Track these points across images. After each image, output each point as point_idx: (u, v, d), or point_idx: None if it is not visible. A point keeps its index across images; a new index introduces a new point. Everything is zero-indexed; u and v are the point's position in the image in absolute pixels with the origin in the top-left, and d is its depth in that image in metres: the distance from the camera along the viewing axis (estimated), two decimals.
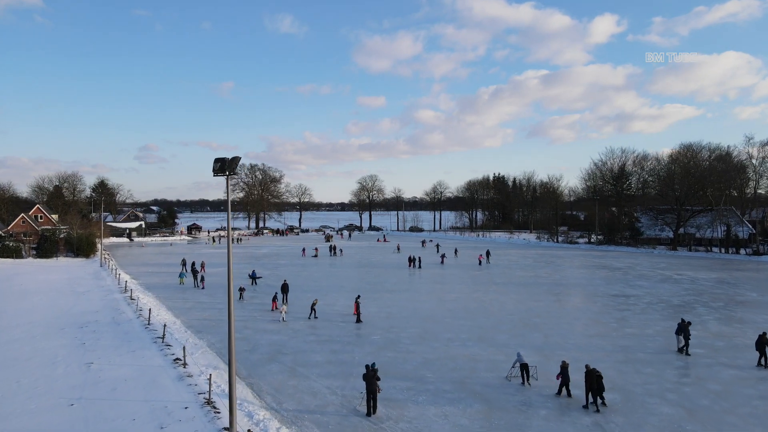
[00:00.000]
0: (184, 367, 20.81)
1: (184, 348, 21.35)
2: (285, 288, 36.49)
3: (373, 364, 18.93)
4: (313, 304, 32.38)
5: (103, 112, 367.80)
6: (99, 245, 66.90)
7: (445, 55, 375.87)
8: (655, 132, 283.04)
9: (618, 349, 24.65)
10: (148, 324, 28.29)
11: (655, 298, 38.32)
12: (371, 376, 17.65)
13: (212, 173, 13.10)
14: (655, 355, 23.84)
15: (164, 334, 25.10)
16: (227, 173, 13.14)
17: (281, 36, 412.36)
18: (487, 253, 64.18)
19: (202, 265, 52.66)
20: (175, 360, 21.70)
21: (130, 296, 35.87)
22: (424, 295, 40.29)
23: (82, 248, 65.98)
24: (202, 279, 44.24)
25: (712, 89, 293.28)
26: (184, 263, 56.04)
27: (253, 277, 44.73)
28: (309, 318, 31.46)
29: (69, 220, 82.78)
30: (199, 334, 27.76)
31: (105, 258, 64.58)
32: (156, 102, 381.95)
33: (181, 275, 45.88)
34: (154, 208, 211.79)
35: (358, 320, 30.71)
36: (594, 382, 17.63)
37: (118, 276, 46.18)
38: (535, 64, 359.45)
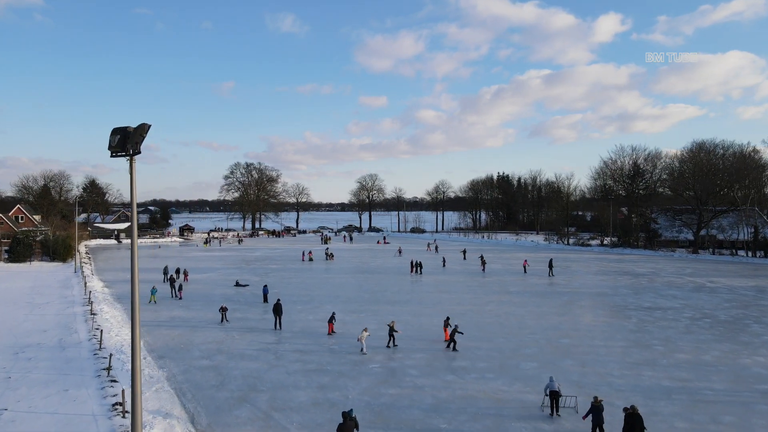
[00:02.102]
0: (123, 417, 15.90)
1: (123, 392, 16.40)
2: (278, 309, 29.00)
3: (350, 411, 14.76)
4: (391, 328, 25.14)
5: (103, 112, 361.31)
6: (77, 249, 61.89)
7: (447, 54, 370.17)
8: (657, 132, 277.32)
9: (678, 385, 19.70)
10: (100, 349, 23.38)
11: (696, 311, 33.37)
12: (348, 429, 13.86)
13: (109, 152, 8.32)
14: (727, 393, 18.89)
15: (110, 365, 20.17)
16: (130, 152, 8.33)
17: (282, 35, 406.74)
18: (550, 264, 51.82)
19: (185, 274, 47.25)
20: (114, 405, 16.78)
21: (91, 310, 30.95)
22: (430, 307, 35.38)
23: (59, 251, 61.02)
24: (180, 288, 39.22)
25: (715, 89, 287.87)
26: (166, 271, 47.78)
27: (265, 292, 36.95)
28: (388, 346, 24.83)
29: (51, 221, 77.93)
30: (161, 361, 22.85)
31: (83, 262, 59.71)
32: (156, 102, 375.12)
33: (152, 291, 37.08)
34: (152, 208, 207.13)
35: (453, 348, 24.42)
36: (637, 430, 14.10)
37: (86, 284, 41.20)
38: (538, 63, 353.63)
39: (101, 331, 24.74)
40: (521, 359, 23.22)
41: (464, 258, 65.50)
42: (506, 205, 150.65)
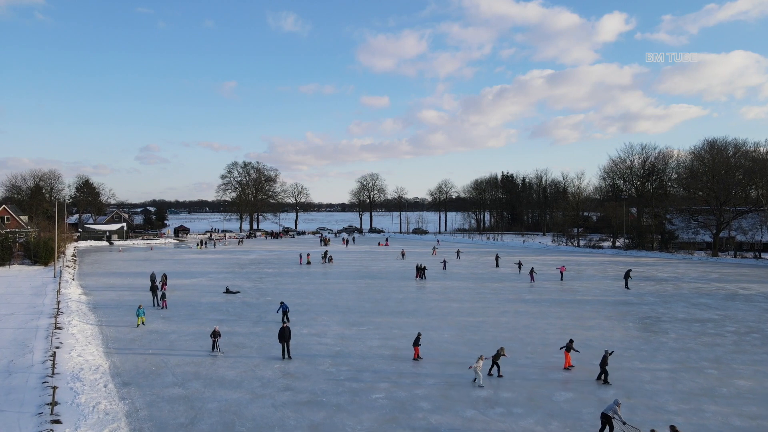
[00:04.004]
0: None
1: None
2: (284, 335, 23.27)
3: None
4: (498, 355, 21.00)
5: (104, 113, 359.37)
6: (59, 251, 58.24)
7: (450, 54, 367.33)
8: (660, 132, 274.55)
9: (751, 426, 16.00)
10: (52, 374, 19.71)
11: (739, 324, 29.69)
12: None
13: None
14: None
15: (55, 400, 16.49)
16: None
17: (284, 35, 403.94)
18: (626, 275, 43.73)
19: (164, 281, 41.91)
20: None
21: (56, 323, 27.27)
22: (438, 318, 31.70)
23: (40, 254, 57.33)
24: (163, 297, 35.54)
25: (719, 89, 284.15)
26: (153, 279, 41.13)
27: (285, 310, 30.02)
28: (491, 374, 20.73)
29: (35, 221, 74.33)
30: (125, 390, 19.17)
31: (66, 266, 56.10)
32: (158, 102, 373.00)
33: (139, 312, 29.70)
34: (151, 209, 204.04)
35: (605, 380, 19.89)
36: None
37: (59, 291, 37.52)
38: (541, 63, 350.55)
39: (54, 353, 20.99)
40: (553, 387, 19.54)
41: (497, 265, 58.56)
42: (511, 206, 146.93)
